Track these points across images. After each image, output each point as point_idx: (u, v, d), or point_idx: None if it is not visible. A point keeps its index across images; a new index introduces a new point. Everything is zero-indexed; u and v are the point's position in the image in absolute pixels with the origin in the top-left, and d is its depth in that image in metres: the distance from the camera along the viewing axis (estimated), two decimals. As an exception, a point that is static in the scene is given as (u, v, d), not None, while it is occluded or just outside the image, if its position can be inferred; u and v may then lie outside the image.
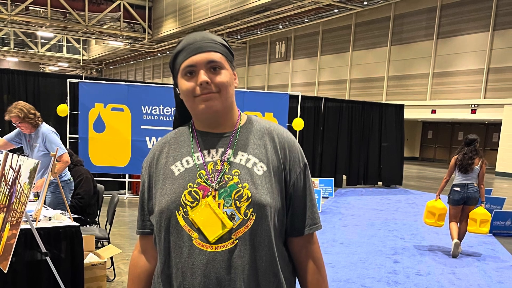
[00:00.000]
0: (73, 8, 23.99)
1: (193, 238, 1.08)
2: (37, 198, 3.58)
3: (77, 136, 7.61)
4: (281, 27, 21.72)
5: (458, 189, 5.15)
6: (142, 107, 7.72)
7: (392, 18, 18.67)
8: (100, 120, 7.59)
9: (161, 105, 7.75)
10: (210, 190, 1.10)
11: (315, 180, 9.05)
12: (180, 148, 1.18)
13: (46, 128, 3.92)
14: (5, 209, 2.66)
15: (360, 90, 20.02)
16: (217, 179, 1.11)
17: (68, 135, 7.57)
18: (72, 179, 4.27)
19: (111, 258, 3.95)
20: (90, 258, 3.43)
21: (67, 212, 3.36)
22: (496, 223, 6.34)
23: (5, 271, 2.49)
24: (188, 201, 1.10)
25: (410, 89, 18.27)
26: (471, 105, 15.99)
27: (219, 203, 1.09)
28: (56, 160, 3.62)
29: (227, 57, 1.15)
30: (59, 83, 7.95)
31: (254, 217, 1.08)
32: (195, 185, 1.11)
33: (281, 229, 1.17)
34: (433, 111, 17.26)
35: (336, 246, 5.43)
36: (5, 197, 2.69)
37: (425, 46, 17.55)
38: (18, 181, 2.62)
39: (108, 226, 4.25)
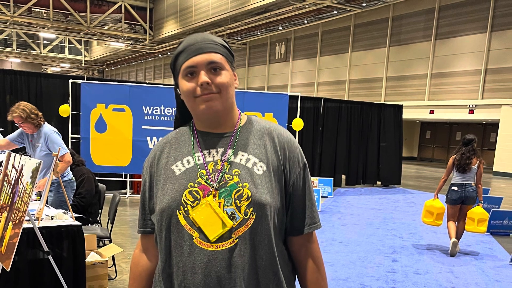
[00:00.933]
0: (75, 9, 24.03)
1: (193, 237, 1.09)
2: (39, 197, 3.61)
3: (79, 136, 7.65)
4: (281, 28, 21.75)
5: (456, 188, 5.18)
6: (143, 107, 7.75)
7: (391, 20, 18.69)
8: (102, 120, 7.62)
9: (162, 106, 7.78)
10: (211, 189, 1.11)
11: (315, 180, 9.07)
12: (181, 148, 1.19)
13: (48, 128, 3.95)
14: (7, 208, 2.69)
15: (359, 91, 20.04)
16: (217, 179, 1.12)
17: (70, 135, 7.62)
18: (74, 179, 4.31)
19: (113, 257, 3.98)
20: (91, 257, 3.45)
21: (69, 211, 3.39)
22: (493, 222, 6.39)
23: (8, 270, 2.52)
24: (188, 200, 1.10)
25: (408, 89, 18.29)
26: (469, 105, 16.02)
27: (219, 203, 1.09)
28: (58, 160, 3.65)
29: (228, 58, 1.16)
30: (61, 83, 7.98)
31: (254, 216, 1.09)
32: (195, 185, 1.12)
33: (280, 228, 1.17)
34: (431, 112, 17.28)
35: (335, 245, 5.46)
36: (8, 197, 2.72)
37: (424, 47, 17.57)
38: (21, 180, 2.65)
39: (109, 225, 4.28)
